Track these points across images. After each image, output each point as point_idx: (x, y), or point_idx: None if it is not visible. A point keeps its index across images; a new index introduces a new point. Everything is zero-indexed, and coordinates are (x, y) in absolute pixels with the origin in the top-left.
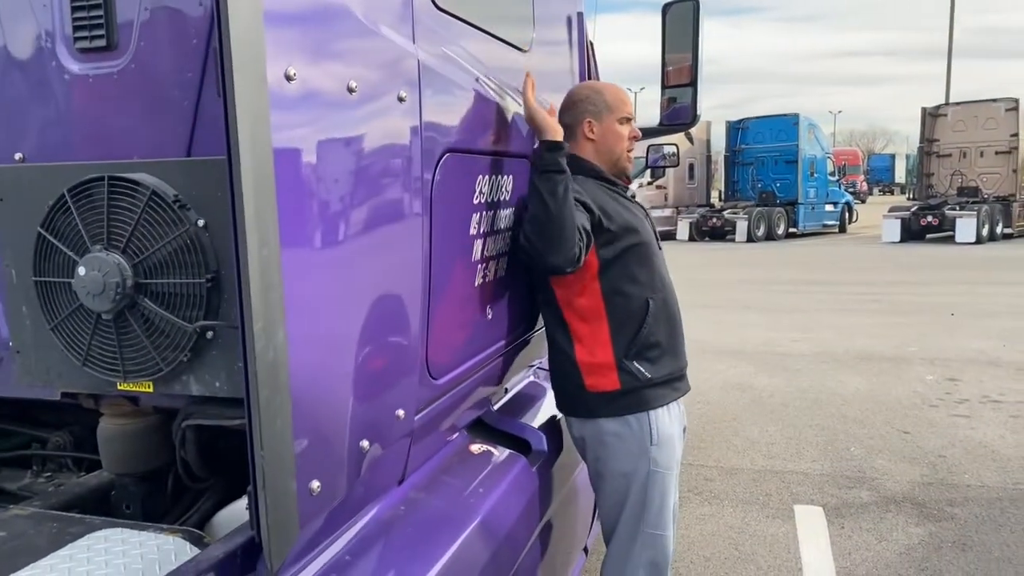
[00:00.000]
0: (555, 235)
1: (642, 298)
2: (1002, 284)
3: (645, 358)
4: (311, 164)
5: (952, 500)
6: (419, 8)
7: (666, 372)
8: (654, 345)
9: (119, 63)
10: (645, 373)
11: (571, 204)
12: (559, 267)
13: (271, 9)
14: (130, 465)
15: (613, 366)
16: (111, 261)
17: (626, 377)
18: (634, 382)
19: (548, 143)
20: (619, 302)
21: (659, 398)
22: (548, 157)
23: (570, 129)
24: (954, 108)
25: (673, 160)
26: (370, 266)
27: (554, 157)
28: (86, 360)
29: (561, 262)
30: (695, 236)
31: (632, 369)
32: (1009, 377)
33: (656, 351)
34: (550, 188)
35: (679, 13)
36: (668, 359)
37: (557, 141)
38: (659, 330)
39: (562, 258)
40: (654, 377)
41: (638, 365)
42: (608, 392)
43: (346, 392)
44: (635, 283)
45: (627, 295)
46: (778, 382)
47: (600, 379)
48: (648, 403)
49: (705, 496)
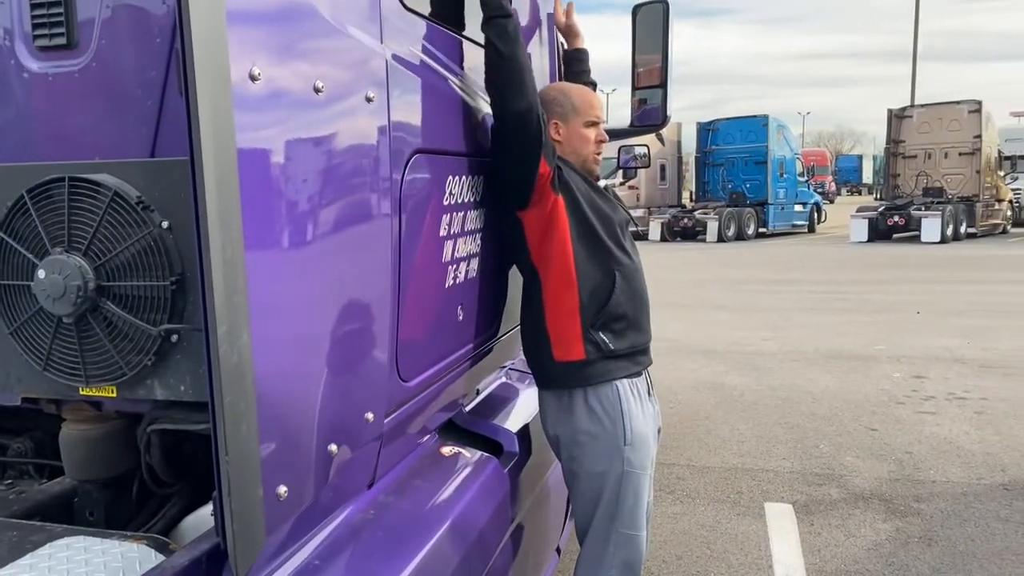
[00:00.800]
0: (513, 76)
1: (610, 270)
2: (966, 283)
3: (610, 329)
4: (277, 165)
5: (918, 496)
6: (386, 8)
7: (628, 344)
8: (620, 317)
9: (80, 61)
10: (609, 344)
11: (523, 46)
12: (523, 113)
13: (234, 8)
14: (93, 471)
15: (579, 336)
16: (72, 263)
17: (591, 347)
18: (597, 352)
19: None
20: (589, 272)
21: (621, 369)
22: (490, 2)
23: None
24: (919, 110)
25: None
26: (338, 268)
27: (497, 1)
28: (47, 365)
29: (523, 107)
30: (667, 236)
31: (597, 340)
32: (973, 374)
33: (621, 323)
34: (497, 32)
35: (649, 15)
36: (632, 332)
37: None
38: (625, 303)
39: (524, 101)
40: (617, 349)
41: (603, 336)
42: (574, 362)
43: (313, 395)
44: (605, 256)
45: (597, 266)
46: (748, 381)
47: (567, 350)
48: (610, 373)
49: (677, 495)
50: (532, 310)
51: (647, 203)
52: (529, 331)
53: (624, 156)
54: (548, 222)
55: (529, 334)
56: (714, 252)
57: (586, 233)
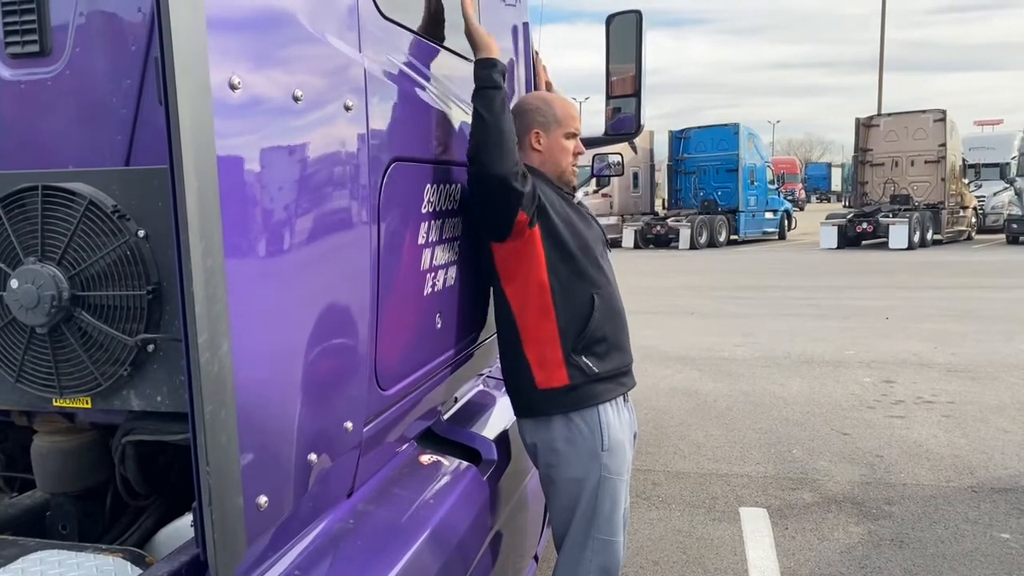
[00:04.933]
0: (495, 143)
1: (588, 294)
2: (933, 288)
3: (592, 353)
4: (256, 173)
5: (889, 499)
6: (365, 17)
7: (612, 367)
8: (601, 340)
9: (53, 69)
10: (593, 368)
11: (509, 118)
12: (506, 177)
13: (214, 16)
14: (66, 484)
15: (562, 362)
16: (46, 273)
17: (574, 372)
18: (582, 377)
19: (483, 61)
20: (567, 297)
21: (606, 392)
22: (483, 75)
23: (518, 137)
24: (886, 119)
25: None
26: (317, 276)
27: (488, 74)
28: (19, 376)
29: (506, 171)
30: (640, 243)
31: (580, 364)
32: (941, 378)
33: (603, 346)
34: (485, 104)
35: (623, 25)
36: (615, 354)
37: (491, 58)
38: (606, 325)
39: (506, 167)
40: (601, 372)
41: (586, 360)
42: (558, 388)
43: (293, 405)
44: (582, 279)
45: (574, 290)
46: (722, 387)
47: (550, 376)
48: (596, 397)
49: (653, 500)
50: (509, 337)
51: (620, 211)
52: (508, 359)
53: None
54: (524, 252)
55: (509, 362)
56: (687, 259)
57: (563, 258)
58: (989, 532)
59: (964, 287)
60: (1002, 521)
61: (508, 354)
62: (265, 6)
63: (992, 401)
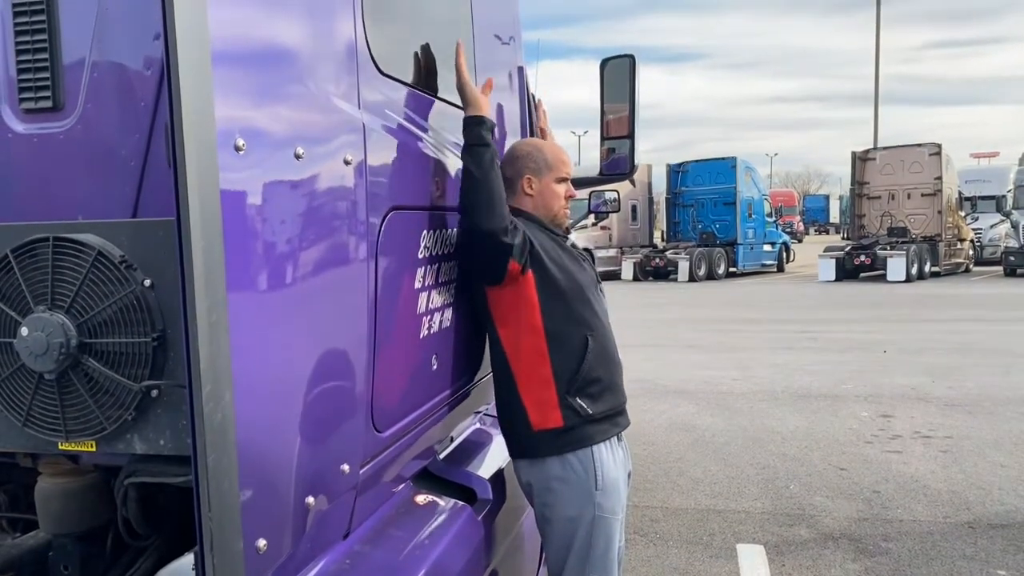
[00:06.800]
0: (484, 199)
1: (582, 336)
2: (931, 321)
3: (586, 394)
4: (260, 229)
5: (887, 535)
6: (363, 74)
7: (607, 407)
8: (595, 381)
9: (65, 123)
10: (587, 409)
11: (498, 174)
12: (494, 233)
13: (221, 80)
14: (69, 524)
15: (556, 404)
16: (55, 321)
17: (569, 413)
18: (576, 418)
19: (472, 118)
20: (560, 340)
21: (601, 433)
22: (472, 132)
23: (510, 182)
24: (882, 152)
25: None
26: (318, 326)
27: (478, 132)
28: (27, 420)
29: (495, 227)
30: (639, 276)
31: (575, 405)
32: (938, 412)
33: (597, 387)
34: (475, 161)
35: (616, 68)
36: (608, 395)
37: (480, 116)
38: (599, 366)
39: (495, 223)
40: (595, 413)
41: (580, 401)
42: (553, 430)
43: (292, 449)
44: (575, 321)
45: (568, 333)
46: (719, 421)
47: (545, 417)
48: (591, 438)
49: (651, 537)
50: (504, 379)
51: (619, 243)
52: (503, 400)
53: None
54: (517, 297)
55: (503, 404)
56: (685, 291)
57: (557, 302)
58: (986, 569)
59: (962, 320)
60: (999, 558)
61: (503, 396)
62: (269, 69)
63: (989, 436)
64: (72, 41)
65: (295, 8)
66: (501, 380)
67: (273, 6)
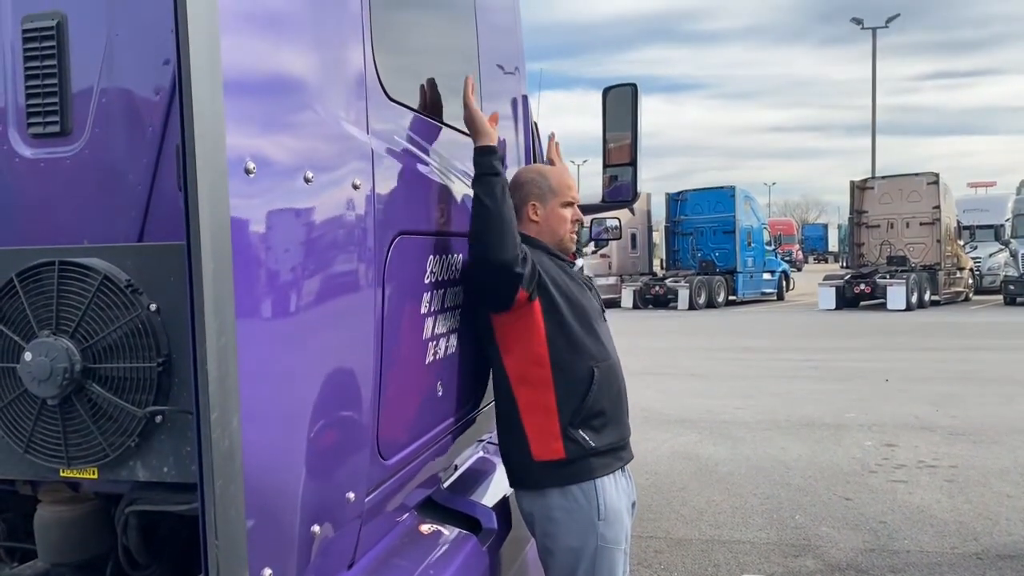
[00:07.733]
0: (496, 230)
1: (587, 367)
2: (932, 350)
3: (590, 427)
4: (269, 253)
5: (893, 566)
6: (372, 100)
7: (610, 441)
8: (599, 414)
9: (73, 148)
10: (590, 442)
11: (509, 204)
12: (507, 263)
13: (232, 105)
14: (68, 554)
15: (559, 435)
16: (59, 346)
17: (571, 446)
18: (579, 451)
19: (482, 148)
20: (565, 371)
21: (603, 467)
22: (482, 162)
23: (516, 210)
24: (880, 181)
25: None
26: (325, 351)
27: (488, 161)
28: (28, 447)
29: (508, 258)
30: (639, 304)
31: (577, 437)
32: (943, 442)
33: (600, 420)
34: (486, 190)
35: (619, 96)
36: (612, 428)
37: (491, 146)
38: (604, 399)
39: (508, 253)
40: (598, 446)
41: (583, 433)
42: (554, 461)
43: (298, 478)
44: (580, 352)
45: (573, 364)
46: (723, 451)
47: (547, 448)
48: (593, 472)
49: (655, 569)
50: (507, 408)
51: (619, 271)
52: (505, 429)
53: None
54: (523, 325)
55: (505, 432)
56: (685, 319)
57: (562, 331)
58: None
59: (963, 348)
60: None
61: (505, 424)
62: (280, 94)
63: (994, 465)
64: (81, 67)
65: (305, 34)
66: (503, 408)
67: (284, 32)
